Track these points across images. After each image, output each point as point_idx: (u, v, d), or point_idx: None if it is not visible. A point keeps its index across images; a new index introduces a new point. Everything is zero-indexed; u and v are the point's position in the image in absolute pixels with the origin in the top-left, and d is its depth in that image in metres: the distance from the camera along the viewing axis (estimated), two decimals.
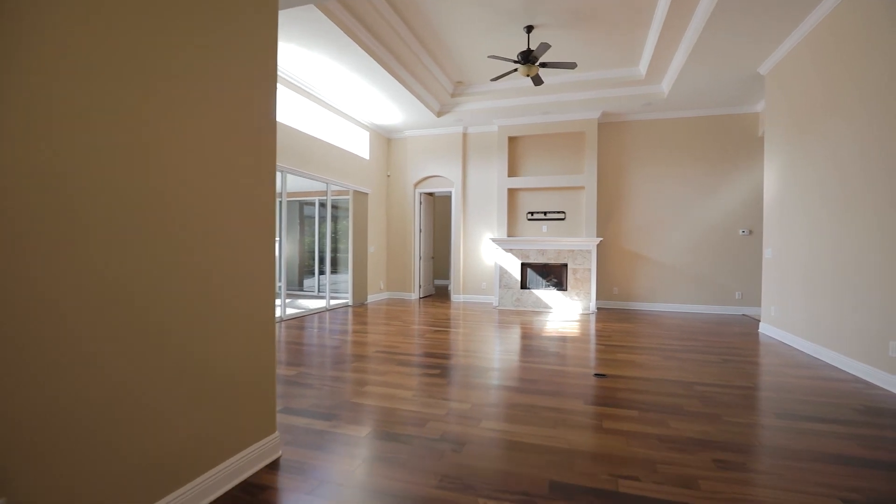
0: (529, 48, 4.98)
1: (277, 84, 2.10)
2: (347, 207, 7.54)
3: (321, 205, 8.23)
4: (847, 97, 3.68)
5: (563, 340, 4.71)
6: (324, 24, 4.41)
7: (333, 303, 7.22)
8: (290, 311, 6.30)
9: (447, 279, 11.06)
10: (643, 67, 5.97)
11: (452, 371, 3.50)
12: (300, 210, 9.80)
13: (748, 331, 5.29)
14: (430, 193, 9.30)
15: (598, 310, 7.06)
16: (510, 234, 7.61)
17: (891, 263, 3.09)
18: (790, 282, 4.58)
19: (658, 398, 2.87)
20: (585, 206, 7.13)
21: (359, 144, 7.74)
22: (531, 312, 6.84)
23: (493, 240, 7.41)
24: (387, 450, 2.13)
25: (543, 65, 4.95)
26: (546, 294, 7.18)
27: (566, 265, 7.13)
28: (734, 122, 6.73)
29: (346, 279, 7.58)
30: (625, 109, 6.87)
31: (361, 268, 7.63)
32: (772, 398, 2.91)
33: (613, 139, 7.28)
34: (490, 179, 7.89)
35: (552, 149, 7.44)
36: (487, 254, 7.93)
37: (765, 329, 5.13)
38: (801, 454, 2.09)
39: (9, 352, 1.13)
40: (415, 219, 8.38)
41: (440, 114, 7.34)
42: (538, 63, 4.97)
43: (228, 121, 1.80)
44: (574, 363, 3.76)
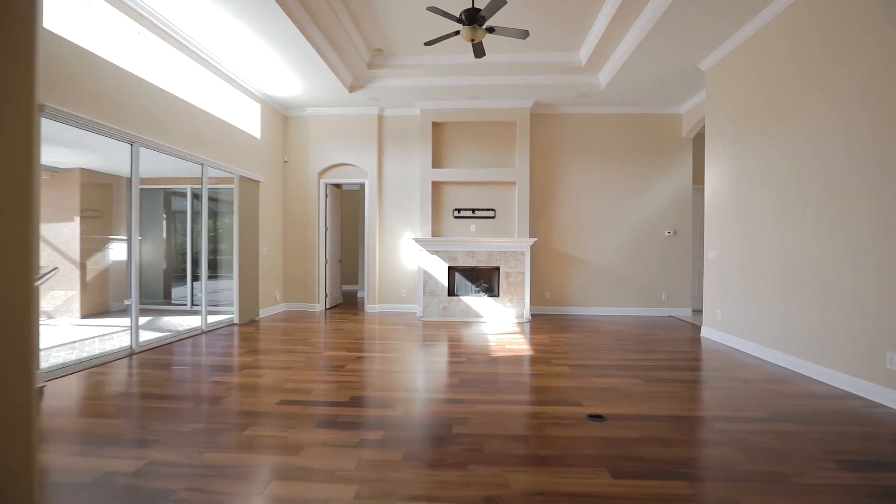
0: (475, 6, 4.08)
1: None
2: (232, 199, 5.87)
3: (195, 196, 6.38)
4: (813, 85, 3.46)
5: (518, 363, 3.90)
6: None
7: (213, 320, 5.53)
8: (147, 338, 4.54)
9: (356, 284, 9.74)
10: (584, 54, 5.49)
11: (400, 430, 2.42)
12: (166, 201, 7.65)
13: (692, 336, 5.07)
14: (339, 185, 7.95)
15: (532, 317, 6.48)
16: (435, 234, 6.67)
17: (891, 265, 2.81)
18: (740, 285, 4.38)
19: (701, 452, 2.16)
20: (517, 204, 6.50)
21: (247, 119, 6.12)
22: (461, 323, 5.99)
23: (416, 240, 6.40)
24: None
25: (490, 30, 4.09)
26: (476, 301, 6.39)
27: (498, 268, 6.42)
28: (660, 122, 6.66)
29: (230, 286, 5.90)
30: (558, 100, 6.38)
31: (251, 275, 6.03)
32: (802, 434, 2.39)
33: (544, 132, 6.78)
34: (411, 171, 6.85)
35: (481, 139, 6.67)
36: (408, 256, 6.89)
37: (708, 333, 4.94)
38: None
39: None
40: (320, 214, 6.98)
41: (353, 88, 6.10)
42: (485, 27, 4.09)
43: None
44: (553, 398, 2.94)
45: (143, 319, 5.81)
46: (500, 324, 5.94)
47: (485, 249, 6.38)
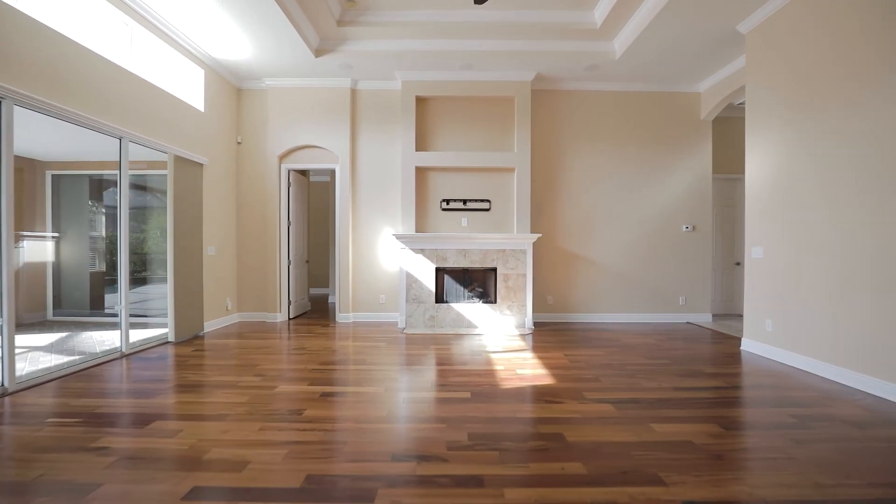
0: None
1: None
2: (165, 187, 4.67)
3: (114, 183, 5.12)
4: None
5: (541, 399, 2.93)
6: None
7: (144, 337, 4.36)
8: (39, 367, 3.34)
9: (327, 287, 8.60)
10: (600, 12, 4.57)
11: None
12: (94, 191, 6.33)
13: (730, 350, 4.24)
14: (304, 171, 6.81)
15: (535, 325, 5.54)
16: (420, 230, 5.64)
17: None
18: (803, 290, 3.55)
19: None
20: (517, 194, 5.54)
21: (187, 87, 4.92)
22: (452, 336, 4.98)
23: (398, 237, 5.36)
24: None
25: None
26: (470, 309, 5.40)
27: (495, 270, 5.45)
28: (677, 102, 5.83)
29: (164, 293, 4.70)
30: (564, 73, 5.45)
31: (192, 280, 4.85)
32: None
33: (547, 111, 5.84)
34: (391, 155, 5.80)
35: (474, 117, 5.67)
36: (389, 256, 5.83)
37: (752, 347, 4.11)
38: None
39: None
40: (280, 206, 5.84)
41: (320, 52, 5.00)
42: None
43: None
44: (613, 468, 1.97)
45: (55, 336, 4.62)
46: (499, 336, 4.97)
47: (479, 248, 5.40)
